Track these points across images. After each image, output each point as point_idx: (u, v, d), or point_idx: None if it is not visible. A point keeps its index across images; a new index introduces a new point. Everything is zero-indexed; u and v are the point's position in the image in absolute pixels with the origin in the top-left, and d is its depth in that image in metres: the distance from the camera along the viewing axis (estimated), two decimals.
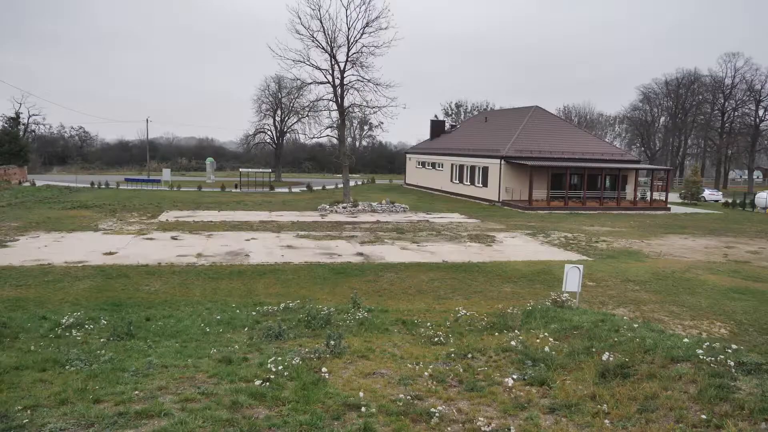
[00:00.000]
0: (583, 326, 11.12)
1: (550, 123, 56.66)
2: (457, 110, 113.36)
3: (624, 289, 20.08)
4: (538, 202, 47.61)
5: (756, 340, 14.94)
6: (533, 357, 9.87)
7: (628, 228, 37.14)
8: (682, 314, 17.12)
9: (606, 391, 8.07)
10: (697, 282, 21.40)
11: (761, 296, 19.56)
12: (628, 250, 28.12)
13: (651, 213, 48.10)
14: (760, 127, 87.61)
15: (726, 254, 28.04)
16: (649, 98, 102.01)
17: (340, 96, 45.00)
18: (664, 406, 7.18)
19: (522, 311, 13.85)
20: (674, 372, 8.01)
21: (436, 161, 63.52)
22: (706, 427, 6.38)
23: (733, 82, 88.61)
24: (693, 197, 60.67)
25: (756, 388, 7.10)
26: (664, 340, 9.56)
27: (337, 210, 42.12)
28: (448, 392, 8.53)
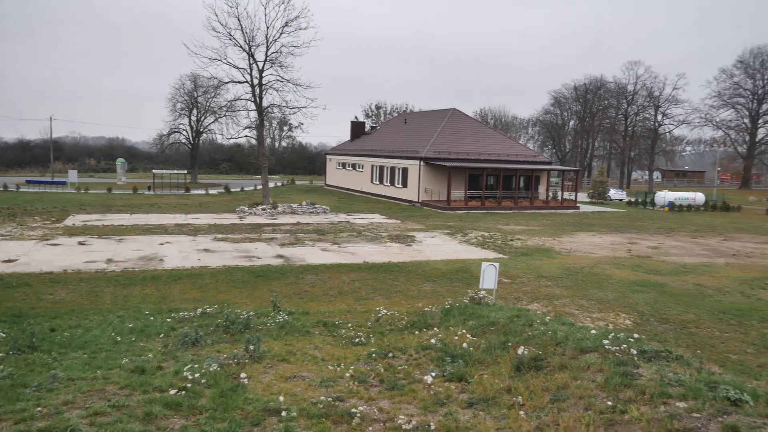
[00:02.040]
0: (500, 322, 11.45)
1: (468, 125, 58.07)
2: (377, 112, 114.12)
3: (538, 285, 20.84)
4: (456, 203, 48.64)
5: (656, 329, 15.90)
6: (452, 354, 10.08)
7: (541, 226, 38.59)
8: (591, 307, 17.97)
9: (521, 383, 8.35)
10: (604, 276, 22.51)
11: (660, 288, 20.82)
12: (541, 248, 29.21)
13: (562, 212, 50.20)
14: (659, 130, 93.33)
15: (630, 250, 29.65)
16: (560, 103, 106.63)
17: (259, 96, 44.31)
18: (575, 394, 7.51)
19: (441, 309, 14.10)
20: (583, 362, 8.40)
21: (357, 162, 63.69)
22: (612, 413, 6.73)
23: (635, 89, 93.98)
24: (600, 197, 63.83)
25: (656, 374, 7.56)
26: (574, 332, 9.99)
27: (256, 212, 41.43)
28: (369, 392, 8.57)
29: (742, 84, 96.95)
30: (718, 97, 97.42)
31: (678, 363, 8.21)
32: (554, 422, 6.85)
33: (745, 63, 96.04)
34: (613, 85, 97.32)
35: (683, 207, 56.44)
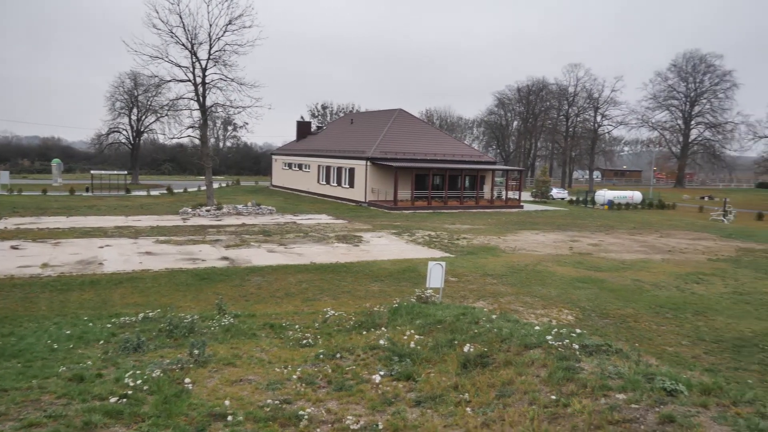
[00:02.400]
0: (446, 320, 11.57)
1: (414, 126, 58.47)
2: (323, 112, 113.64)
3: (483, 282, 21.17)
4: (403, 202, 48.91)
5: (597, 324, 16.39)
6: (400, 353, 10.12)
7: (486, 225, 39.22)
8: (535, 304, 18.37)
9: (467, 380, 8.45)
10: (548, 274, 23.06)
11: (601, 284, 21.49)
12: (487, 246, 29.68)
13: (506, 211, 51.16)
14: (599, 131, 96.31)
15: (571, 247, 30.47)
16: (504, 104, 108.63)
17: (202, 95, 43.45)
18: (520, 390, 7.65)
19: (389, 309, 14.14)
20: (528, 358, 8.57)
21: (303, 162, 63.25)
22: (555, 407, 6.89)
23: (575, 91, 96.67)
24: (543, 196, 65.37)
25: (597, 367, 7.79)
26: (518, 329, 10.18)
27: (200, 213, 40.61)
28: (317, 393, 8.51)
29: (675, 87, 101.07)
30: (654, 99, 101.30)
31: (618, 356, 8.48)
32: (500, 417, 6.97)
33: (679, 67, 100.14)
34: (555, 87, 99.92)
35: (622, 205, 58.37)
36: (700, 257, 28.85)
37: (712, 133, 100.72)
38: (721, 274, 24.55)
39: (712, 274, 24.29)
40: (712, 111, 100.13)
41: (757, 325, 16.87)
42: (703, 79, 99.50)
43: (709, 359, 13.92)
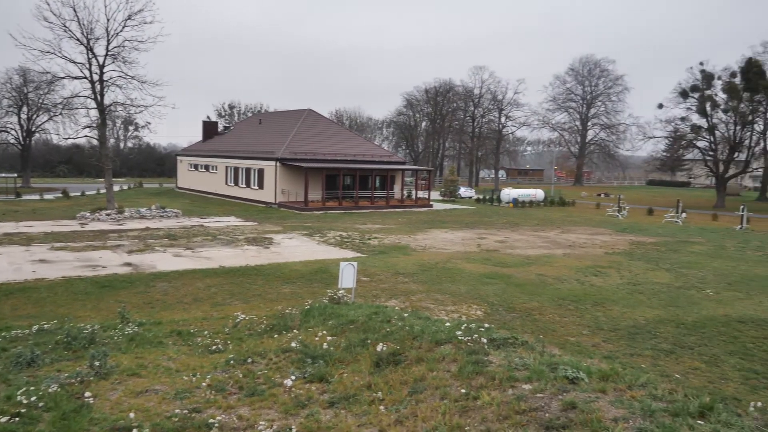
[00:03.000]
0: (359, 320, 11.60)
1: (324, 126, 58.30)
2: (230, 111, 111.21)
3: (395, 281, 21.40)
4: (314, 203, 48.65)
5: (504, 318, 16.97)
6: (312, 355, 10.05)
7: (397, 225, 39.71)
8: (446, 301, 18.78)
9: (381, 379, 8.51)
10: (457, 271, 23.63)
11: (508, 279, 22.26)
12: (398, 246, 30.04)
13: (416, 210, 52.01)
14: (503, 132, 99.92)
15: (479, 244, 31.39)
16: (412, 104, 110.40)
17: (100, 93, 41.30)
18: (431, 385, 7.79)
19: (301, 311, 14.02)
20: (439, 354, 8.75)
21: (210, 163, 61.57)
22: (465, 400, 7.07)
23: (480, 92, 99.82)
24: (451, 195, 67.00)
25: (504, 360, 8.06)
26: (429, 326, 10.37)
27: (99, 217, 38.63)
28: (228, 400, 8.30)
29: (573, 90, 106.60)
30: (554, 101, 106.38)
31: (524, 348, 8.81)
32: (413, 414, 7.06)
33: (576, 71, 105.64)
34: (461, 89, 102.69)
35: (526, 203, 60.76)
36: (598, 251, 30.50)
37: (607, 133, 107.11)
38: (617, 266, 26.06)
39: (609, 267, 25.74)
40: (607, 113, 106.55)
41: (649, 313, 18.03)
42: (598, 83, 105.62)
43: (608, 347, 14.73)
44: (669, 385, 7.34)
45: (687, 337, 15.79)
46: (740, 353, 14.54)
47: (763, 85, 66.49)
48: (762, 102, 69.82)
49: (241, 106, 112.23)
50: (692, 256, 29.76)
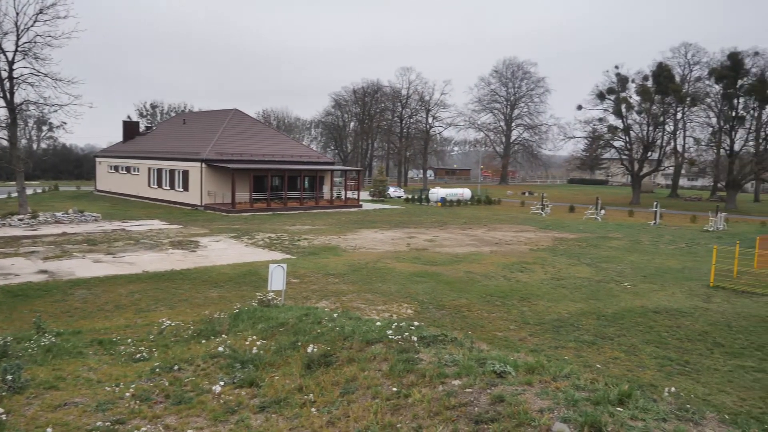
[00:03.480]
0: (289, 322, 11.47)
1: (250, 126, 57.36)
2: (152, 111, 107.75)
3: (325, 282, 21.31)
4: (241, 205, 47.79)
5: (435, 316, 17.21)
6: (242, 359, 9.86)
7: (327, 225, 39.56)
8: (376, 300, 18.85)
9: (312, 381, 8.45)
10: (387, 270, 23.77)
11: (437, 278, 22.59)
12: (328, 246, 29.93)
13: (346, 210, 51.98)
14: (431, 132, 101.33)
15: (409, 244, 31.71)
16: (340, 105, 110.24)
17: (10, 91, 38.97)
18: (363, 385, 7.79)
19: (230, 315, 13.73)
20: (370, 353, 8.76)
21: (132, 165, 59.39)
22: (397, 398, 7.11)
23: (408, 93, 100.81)
24: (381, 195, 67.36)
25: (434, 357, 8.17)
26: (360, 326, 10.37)
27: (11, 223, 36.53)
28: (153, 410, 8.03)
29: (497, 91, 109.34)
30: (479, 102, 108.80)
31: (453, 345, 8.95)
32: (345, 415, 7.04)
33: (500, 73, 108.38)
34: (389, 89, 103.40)
35: (453, 202, 61.84)
36: (523, 248, 31.42)
37: (530, 134, 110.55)
38: (541, 262, 26.93)
39: (534, 263, 26.56)
40: (530, 114, 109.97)
41: (572, 307, 18.73)
42: (521, 85, 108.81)
43: (534, 340, 15.20)
44: (591, 374, 7.64)
45: (607, 328, 16.49)
46: (656, 342, 15.32)
47: (672, 88, 70.33)
48: (672, 104, 73.82)
49: (164, 106, 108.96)
50: (611, 251, 31.14)
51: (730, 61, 68.51)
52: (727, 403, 11.45)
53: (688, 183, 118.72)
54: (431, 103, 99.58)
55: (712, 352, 14.68)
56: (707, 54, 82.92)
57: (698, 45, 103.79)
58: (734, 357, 14.32)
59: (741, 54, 68.48)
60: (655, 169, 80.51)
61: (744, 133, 71.47)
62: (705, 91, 73.55)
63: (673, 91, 70.45)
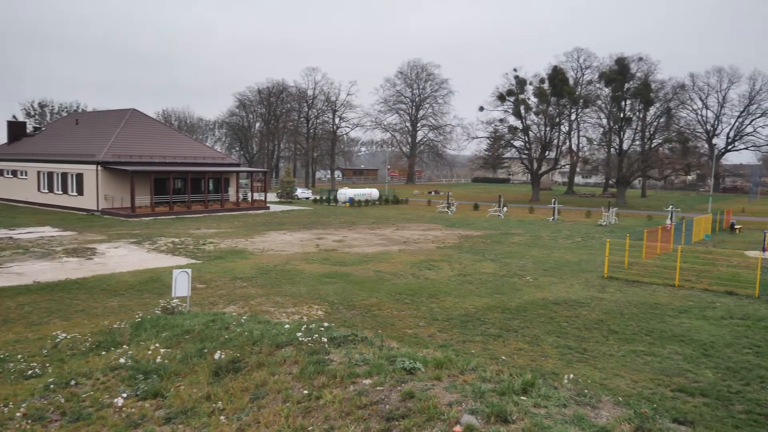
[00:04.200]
0: (195, 329, 11.13)
1: (150, 127, 55.06)
2: (41, 111, 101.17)
3: (233, 287, 20.82)
4: (142, 209, 45.81)
5: (345, 316, 17.22)
6: (145, 370, 9.46)
7: (233, 228, 38.66)
8: (286, 303, 18.63)
9: (220, 388, 8.23)
10: (296, 272, 23.55)
11: (347, 278, 22.62)
12: (235, 250, 29.26)
13: (253, 212, 51.02)
14: (338, 133, 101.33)
15: (318, 245, 31.55)
16: (245, 105, 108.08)
17: None
18: (273, 389, 7.68)
19: (131, 324, 13.13)
20: (280, 357, 8.65)
21: (18, 168, 55.48)
22: (308, 401, 7.06)
23: (314, 93, 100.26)
24: (288, 196, 66.63)
25: (345, 357, 8.17)
26: (270, 329, 10.22)
27: None
28: (48, 429, 7.55)
29: (403, 92, 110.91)
30: (385, 103, 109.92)
31: (364, 344, 8.99)
32: (255, 420, 6.92)
33: (405, 74, 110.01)
34: (295, 90, 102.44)
35: (362, 202, 62.15)
36: (431, 246, 32.06)
37: (435, 134, 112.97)
38: (448, 259, 27.58)
39: (441, 260, 27.15)
40: (434, 114, 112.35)
41: (478, 302, 19.30)
42: (425, 86, 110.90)
43: (443, 336, 15.54)
44: (497, 366, 7.91)
45: (512, 321, 17.13)
46: (557, 332, 16.08)
47: (566, 90, 74.06)
48: (566, 106, 77.68)
49: (54, 105, 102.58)
50: (513, 247, 32.37)
51: (617, 66, 73.03)
52: (622, 386, 12.19)
53: (582, 180, 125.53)
54: (338, 103, 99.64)
55: (607, 338, 15.58)
56: (597, 59, 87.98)
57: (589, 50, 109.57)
58: (627, 342, 15.27)
59: (627, 59, 73.20)
60: (553, 167, 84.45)
61: (631, 133, 76.41)
62: (596, 94, 77.94)
63: (568, 93, 74.20)
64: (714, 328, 16.69)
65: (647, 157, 72.69)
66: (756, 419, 10.71)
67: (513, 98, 76.25)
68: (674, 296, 20.75)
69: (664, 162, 73.32)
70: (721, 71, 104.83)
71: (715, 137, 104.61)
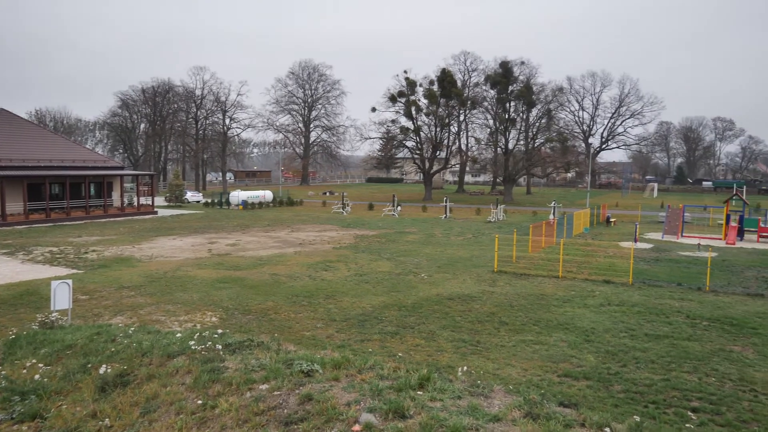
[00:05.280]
0: (78, 343, 10.44)
1: (21, 128, 51.06)
2: None
3: (120, 296, 19.78)
4: (14, 217, 42.45)
5: (241, 321, 16.84)
6: (21, 390, 8.75)
7: (119, 235, 36.73)
8: (178, 311, 17.94)
9: (107, 404, 7.78)
10: (188, 278, 22.74)
11: (242, 282, 22.13)
12: (121, 257, 27.81)
13: (140, 218, 48.71)
14: (228, 134, 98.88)
15: (210, 249, 30.63)
16: (128, 105, 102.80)
17: None
18: (165, 402, 7.36)
19: (4, 342, 12.10)
20: (171, 368, 8.30)
21: None
22: (203, 411, 6.83)
23: (203, 93, 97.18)
24: (177, 200, 64.20)
25: (240, 363, 7.98)
26: (160, 339, 9.79)
27: None
28: None
29: (295, 93, 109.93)
30: (277, 103, 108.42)
31: (260, 349, 8.82)
32: None
33: (296, 74, 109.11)
34: (182, 89, 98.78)
35: (255, 205, 60.99)
36: (327, 247, 32.02)
37: (328, 135, 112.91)
38: (345, 259, 27.67)
39: (338, 261, 27.20)
40: (327, 115, 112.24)
41: (375, 300, 19.51)
42: (318, 87, 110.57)
43: (341, 336, 15.57)
44: (394, 363, 8.01)
45: (408, 318, 17.46)
46: (451, 326, 16.57)
47: (455, 92, 76.49)
48: (455, 107, 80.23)
49: None
50: (408, 245, 33.02)
51: (502, 69, 76.39)
52: (513, 374, 12.77)
53: (472, 179, 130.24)
54: (228, 103, 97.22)
55: (498, 330, 16.25)
56: (483, 62, 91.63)
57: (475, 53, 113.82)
58: (517, 333, 16.01)
59: (510, 63, 76.76)
60: (444, 167, 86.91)
61: (516, 134, 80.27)
62: (483, 96, 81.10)
63: (456, 95, 76.67)
64: (594, 315, 17.86)
65: (531, 156, 76.62)
66: (633, 397, 11.58)
67: (404, 99, 77.70)
68: (558, 287, 22.00)
69: (546, 160, 77.60)
70: (595, 75, 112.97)
71: (591, 137, 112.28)
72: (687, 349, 14.62)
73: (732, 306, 19.22)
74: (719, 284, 22.60)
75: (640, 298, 20.27)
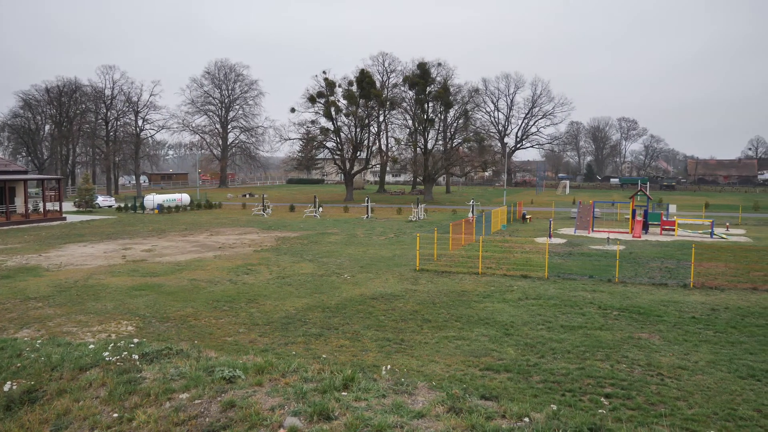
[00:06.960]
0: None
1: None
2: None
3: (25, 308, 18.66)
4: None
5: (159, 329, 16.27)
6: None
7: (23, 243, 34.64)
8: (90, 321, 17.12)
9: (14, 423, 7.34)
10: (101, 287, 21.74)
11: (159, 289, 21.38)
12: (26, 267, 26.23)
13: (46, 224, 46.16)
14: (141, 135, 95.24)
15: (124, 256, 29.41)
16: (31, 105, 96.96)
17: None
18: (78, 417, 7.02)
19: None
20: (84, 381, 7.92)
21: None
22: (119, 424, 6.56)
23: (113, 93, 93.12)
24: (88, 205, 61.22)
25: (158, 373, 7.71)
26: (71, 351, 9.32)
27: None
28: None
29: (211, 93, 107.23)
30: (192, 104, 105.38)
31: (179, 357, 8.56)
32: None
33: (212, 74, 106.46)
34: (90, 89, 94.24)
35: (172, 208, 59.07)
36: (248, 250, 31.44)
37: (247, 136, 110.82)
38: (266, 262, 27.26)
39: (259, 264, 26.75)
40: (245, 116, 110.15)
41: (298, 303, 19.33)
42: (235, 87, 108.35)
43: (264, 340, 15.32)
44: (318, 365, 7.98)
45: (332, 318, 17.41)
46: (375, 326, 16.65)
47: (374, 93, 76.90)
48: (375, 107, 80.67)
49: None
50: (330, 246, 32.93)
51: (419, 71, 77.47)
52: (437, 370, 12.98)
53: (393, 179, 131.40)
54: (140, 104, 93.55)
55: (422, 328, 16.48)
56: (401, 63, 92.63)
57: (393, 55, 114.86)
58: (440, 329, 16.29)
59: (428, 64, 77.95)
60: (364, 167, 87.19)
61: (434, 134, 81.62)
62: (402, 97, 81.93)
63: (375, 96, 77.09)
64: (513, 309, 18.44)
65: (449, 156, 78.18)
66: (551, 387, 12.04)
67: (323, 100, 77.42)
68: (478, 283, 22.56)
69: (464, 160, 79.43)
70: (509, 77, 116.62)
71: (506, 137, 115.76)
72: (599, 338, 15.35)
73: (639, 296, 20.35)
74: (627, 275, 23.88)
75: (556, 291, 21.11)
